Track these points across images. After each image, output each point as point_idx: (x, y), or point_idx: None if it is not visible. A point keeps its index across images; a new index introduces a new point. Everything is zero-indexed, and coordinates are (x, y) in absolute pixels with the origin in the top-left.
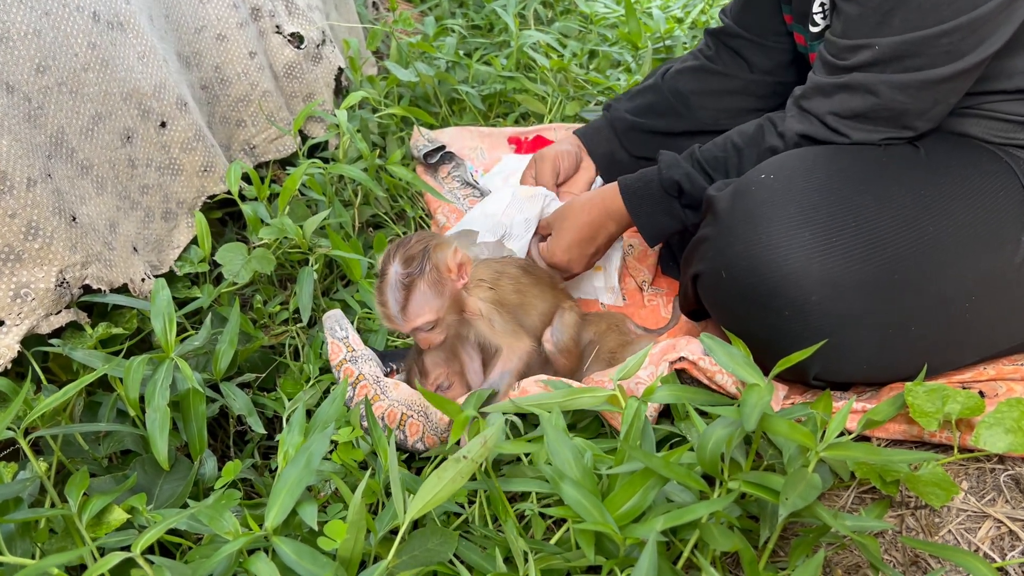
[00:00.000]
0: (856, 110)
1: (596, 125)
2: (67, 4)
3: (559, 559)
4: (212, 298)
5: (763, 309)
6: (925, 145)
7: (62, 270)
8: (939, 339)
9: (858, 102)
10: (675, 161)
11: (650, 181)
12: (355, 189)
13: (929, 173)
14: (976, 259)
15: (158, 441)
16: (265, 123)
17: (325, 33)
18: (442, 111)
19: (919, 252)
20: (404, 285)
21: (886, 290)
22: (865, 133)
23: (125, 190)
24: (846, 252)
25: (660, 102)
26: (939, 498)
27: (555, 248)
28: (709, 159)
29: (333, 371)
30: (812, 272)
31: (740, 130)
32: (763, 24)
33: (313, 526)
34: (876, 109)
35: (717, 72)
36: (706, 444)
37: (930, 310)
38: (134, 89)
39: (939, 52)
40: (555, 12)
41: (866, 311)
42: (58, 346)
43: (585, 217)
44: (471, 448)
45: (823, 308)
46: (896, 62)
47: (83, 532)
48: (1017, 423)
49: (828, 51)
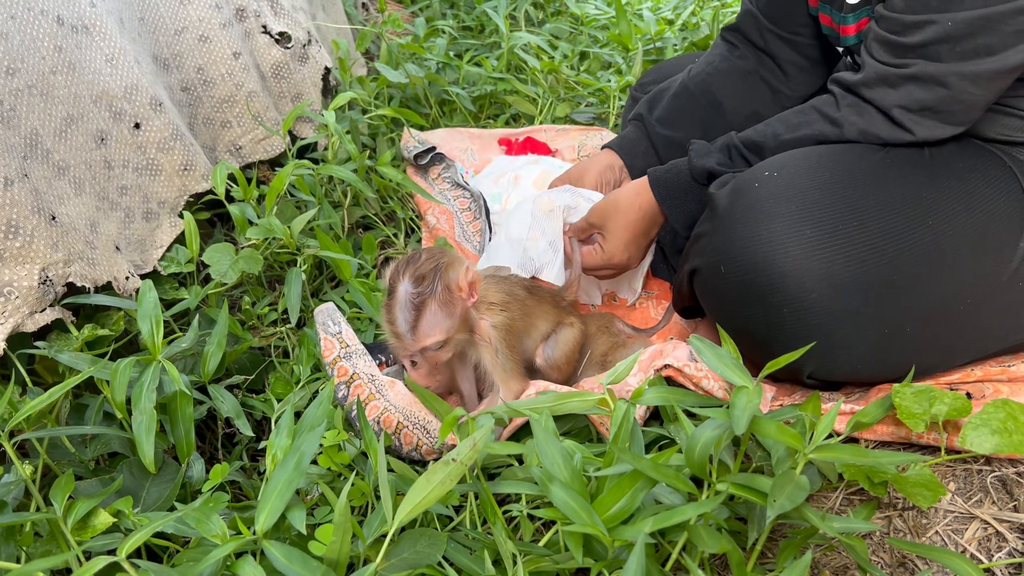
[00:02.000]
0: (924, 103)
1: (632, 138)
2: (32, 8)
3: (548, 561)
4: (199, 299)
5: (761, 305)
6: (930, 147)
7: (44, 268)
8: (934, 340)
9: (927, 94)
10: (706, 150)
11: (680, 171)
12: (345, 190)
13: (932, 176)
14: (974, 262)
15: (144, 444)
16: (251, 124)
17: (311, 33)
18: (432, 112)
19: (919, 253)
20: (415, 305)
21: (884, 290)
22: (928, 129)
23: (103, 191)
24: (847, 251)
25: (693, 108)
26: (926, 499)
27: (614, 250)
28: (748, 144)
29: (327, 368)
30: (812, 269)
31: (781, 118)
32: (790, 15)
33: (302, 529)
34: (945, 101)
35: (748, 73)
36: (694, 446)
37: (927, 311)
38: (103, 92)
39: (1013, 31)
40: (546, 14)
41: (864, 310)
42: (44, 348)
43: (635, 213)
44: (460, 451)
45: (822, 306)
46: (967, 40)
47: (68, 536)
48: (1003, 424)
49: (887, 28)
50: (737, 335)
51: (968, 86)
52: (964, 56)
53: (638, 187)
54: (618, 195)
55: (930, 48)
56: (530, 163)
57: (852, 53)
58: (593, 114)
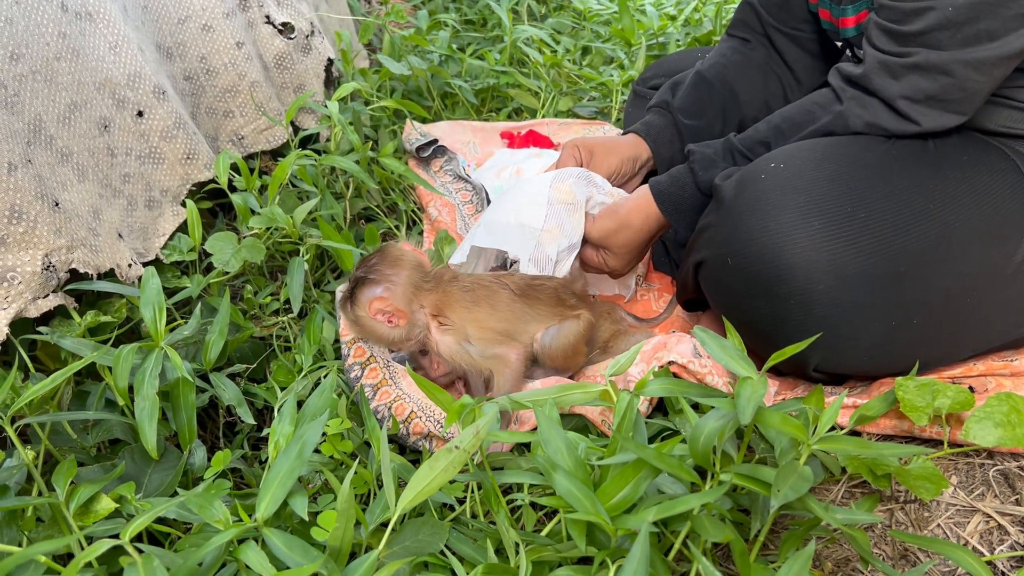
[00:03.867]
0: (929, 92)
1: (659, 126)
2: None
3: (550, 550)
4: (202, 287)
5: (768, 296)
6: (934, 139)
7: (47, 254)
8: (939, 332)
9: (931, 83)
10: (709, 160)
11: (685, 185)
12: (347, 181)
13: (937, 168)
14: (980, 254)
15: (147, 430)
16: (254, 113)
17: (314, 24)
18: (435, 105)
19: (925, 245)
20: (344, 315)
21: (891, 281)
22: (934, 119)
23: (106, 178)
24: (854, 242)
25: (714, 98)
26: (929, 492)
27: (616, 265)
28: (751, 146)
29: (343, 347)
30: (820, 261)
31: (782, 114)
32: (791, 12)
33: (304, 517)
34: (949, 90)
35: (760, 65)
36: (698, 436)
37: (933, 303)
38: (107, 79)
39: (1013, 15)
40: (548, 8)
41: (871, 301)
42: (46, 334)
43: (636, 235)
44: (463, 438)
45: (829, 297)
46: (968, 25)
47: (70, 520)
48: (1006, 417)
49: (887, 18)
50: (742, 327)
51: (972, 73)
52: (966, 42)
53: (642, 203)
54: (625, 214)
55: (931, 35)
56: (532, 156)
57: (852, 46)
58: (595, 108)
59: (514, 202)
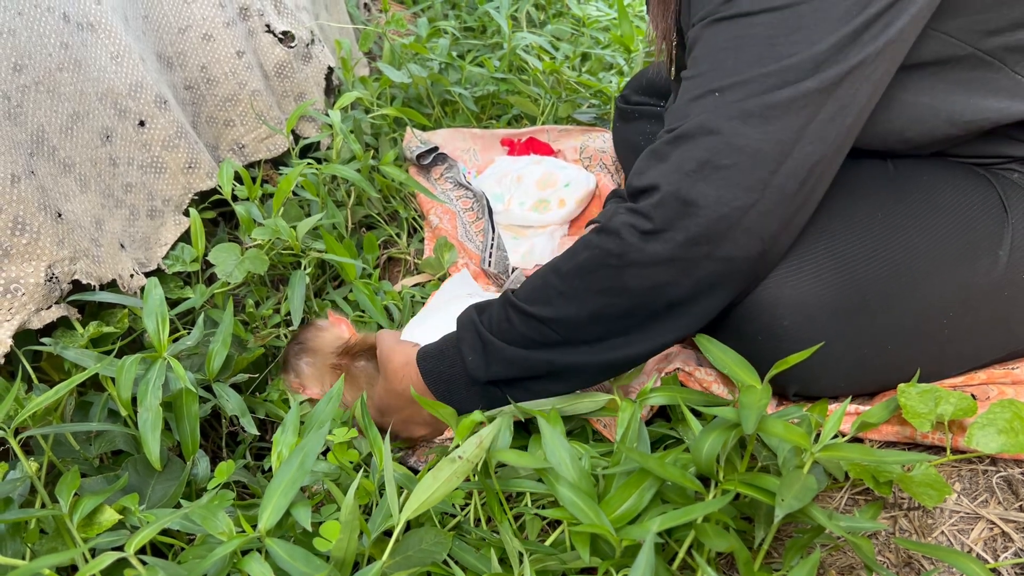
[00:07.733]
0: (699, 159)
1: None
2: (38, 4)
3: (554, 560)
4: (205, 298)
5: (736, 334)
6: (892, 160)
7: (51, 265)
8: (917, 355)
9: (698, 150)
10: (483, 349)
11: (457, 375)
12: (348, 190)
13: (897, 189)
14: (950, 274)
15: (150, 441)
16: (255, 122)
17: (314, 32)
18: (435, 112)
19: (890, 271)
20: None
21: (859, 312)
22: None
23: (108, 188)
24: (816, 275)
25: None
26: (932, 499)
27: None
28: (529, 299)
29: None
30: (783, 297)
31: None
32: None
33: (307, 527)
34: (719, 153)
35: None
36: (702, 445)
37: (906, 328)
38: (109, 89)
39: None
40: (548, 15)
41: (840, 334)
42: (49, 345)
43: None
44: (467, 448)
45: (796, 334)
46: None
47: (74, 533)
48: (1009, 424)
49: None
50: None
51: (740, 127)
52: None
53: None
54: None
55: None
56: (533, 163)
57: None
58: (595, 115)
59: None
